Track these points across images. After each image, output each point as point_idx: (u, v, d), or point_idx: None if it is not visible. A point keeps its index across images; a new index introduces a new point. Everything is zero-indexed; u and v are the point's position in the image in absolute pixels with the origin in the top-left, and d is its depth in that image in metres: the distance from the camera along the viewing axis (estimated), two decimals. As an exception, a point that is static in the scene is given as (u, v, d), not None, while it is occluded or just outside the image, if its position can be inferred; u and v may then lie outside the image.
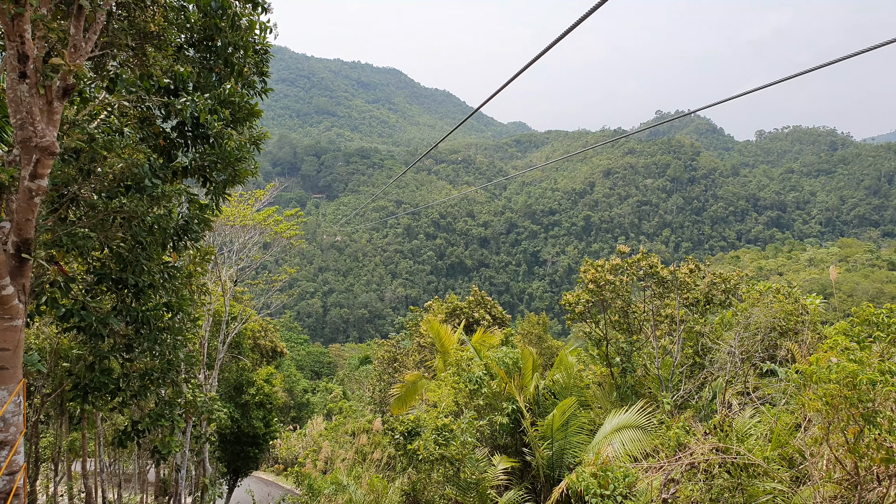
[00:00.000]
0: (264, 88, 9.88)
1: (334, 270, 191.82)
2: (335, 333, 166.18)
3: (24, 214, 5.89)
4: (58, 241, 7.23)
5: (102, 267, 8.57)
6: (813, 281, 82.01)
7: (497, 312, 31.00)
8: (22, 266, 6.07)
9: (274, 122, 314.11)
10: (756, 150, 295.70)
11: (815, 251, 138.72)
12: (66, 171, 7.20)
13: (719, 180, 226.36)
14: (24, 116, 5.46)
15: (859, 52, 6.02)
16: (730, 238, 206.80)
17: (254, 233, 23.69)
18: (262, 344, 33.15)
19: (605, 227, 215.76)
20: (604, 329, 16.51)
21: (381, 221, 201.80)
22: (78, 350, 10.61)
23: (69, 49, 5.83)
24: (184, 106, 8.11)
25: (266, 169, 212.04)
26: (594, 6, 5.92)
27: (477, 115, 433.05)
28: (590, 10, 5.99)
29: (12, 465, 6.18)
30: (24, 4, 5.16)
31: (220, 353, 21.98)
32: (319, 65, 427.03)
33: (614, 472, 8.88)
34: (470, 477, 12.92)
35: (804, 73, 6.54)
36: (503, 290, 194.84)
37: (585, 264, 16.80)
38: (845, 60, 6.26)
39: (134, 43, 7.91)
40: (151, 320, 8.97)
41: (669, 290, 15.73)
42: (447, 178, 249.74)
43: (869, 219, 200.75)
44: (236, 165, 9.11)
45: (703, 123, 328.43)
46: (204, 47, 8.96)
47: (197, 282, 13.53)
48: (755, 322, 12.98)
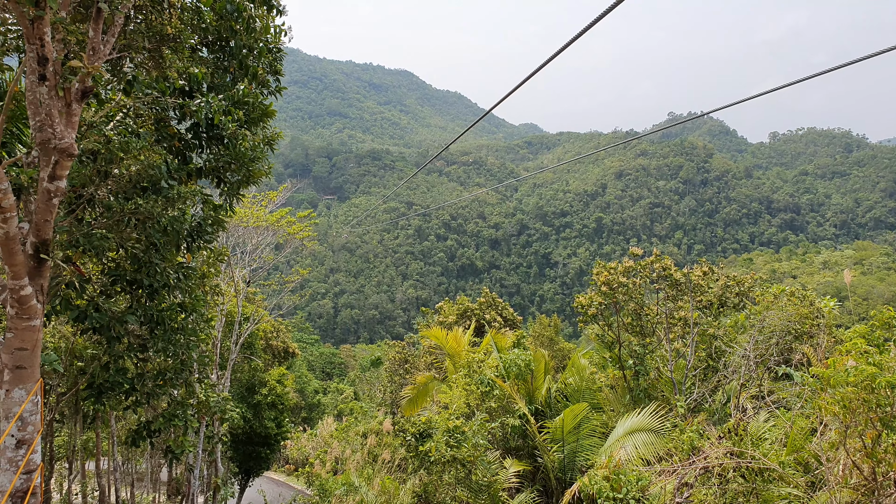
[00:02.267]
0: (278, 87, 9.91)
1: (345, 271, 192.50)
2: (346, 334, 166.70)
3: (42, 216, 5.97)
4: (74, 241, 7.32)
5: (117, 268, 8.66)
6: (827, 284, 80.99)
7: (508, 314, 30.91)
8: (40, 266, 6.15)
9: (286, 124, 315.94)
10: (770, 152, 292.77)
11: (830, 254, 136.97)
12: (83, 172, 7.29)
13: (732, 182, 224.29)
14: (44, 118, 5.53)
15: (875, 54, 5.95)
16: (743, 240, 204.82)
17: (267, 234, 23.83)
18: (274, 344, 33.29)
19: (616, 229, 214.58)
20: (616, 331, 16.40)
21: (393, 223, 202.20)
22: (93, 350, 10.73)
23: (88, 51, 5.91)
24: (198, 107, 8.17)
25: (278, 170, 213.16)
26: (607, 9, 5.90)
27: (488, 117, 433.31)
28: (603, 12, 5.97)
29: (30, 463, 6.26)
30: (44, 7, 5.23)
31: (233, 354, 22.11)
32: (331, 67, 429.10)
33: (627, 476, 8.82)
34: (482, 479, 12.89)
35: (816, 75, 6.46)
36: (514, 292, 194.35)
37: (598, 266, 16.71)
38: (863, 61, 6.18)
39: (150, 45, 7.99)
40: (166, 320, 9.04)
41: (683, 293, 15.60)
42: (458, 180, 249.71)
43: (885, 221, 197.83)
44: (250, 166, 9.16)
45: (716, 125, 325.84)
46: (218, 48, 9.02)
47: (210, 282, 13.63)
48: (769, 325, 12.84)
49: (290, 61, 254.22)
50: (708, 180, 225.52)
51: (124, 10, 6.25)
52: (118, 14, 6.14)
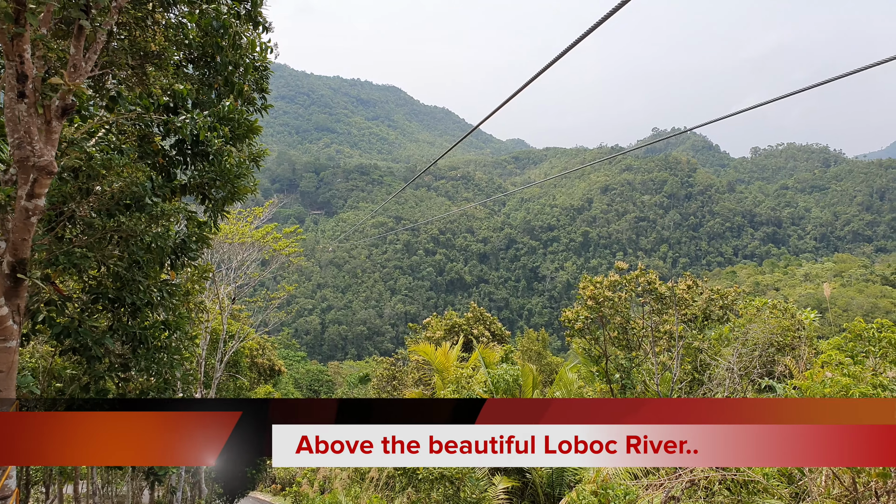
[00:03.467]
0: (264, 105, 9.92)
1: (333, 287, 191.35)
2: (333, 350, 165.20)
3: (20, 234, 5.89)
4: (54, 259, 7.22)
5: (98, 286, 8.54)
6: (809, 296, 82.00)
7: (496, 329, 30.89)
8: (17, 286, 6.05)
9: (273, 139, 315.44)
10: (751, 167, 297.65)
11: (811, 266, 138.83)
12: (63, 189, 7.22)
13: (716, 196, 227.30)
14: (22, 136, 5.49)
15: (849, 73, 6.11)
16: (727, 254, 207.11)
17: (252, 250, 23.69)
18: (260, 362, 32.95)
19: (603, 243, 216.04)
20: (603, 345, 16.46)
21: (381, 237, 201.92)
22: (72, 370, 10.53)
23: (69, 69, 5.88)
24: (183, 124, 8.14)
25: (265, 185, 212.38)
26: (594, 25, 6.01)
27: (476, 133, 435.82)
28: (589, 29, 6.08)
29: (5, 489, 6.11)
30: (24, 24, 5.21)
31: (218, 372, 21.84)
32: (319, 82, 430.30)
33: (615, 490, 8.80)
34: (470, 497, 12.78)
35: (796, 92, 6.62)
36: (502, 306, 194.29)
37: (584, 280, 16.81)
38: (839, 79, 6.34)
39: (134, 62, 7.98)
40: (149, 339, 8.91)
41: (668, 306, 15.72)
42: (446, 195, 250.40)
43: (862, 234, 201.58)
44: (235, 182, 9.12)
45: (700, 140, 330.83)
46: (203, 64, 9.02)
47: (194, 299, 13.49)
48: (753, 338, 12.96)
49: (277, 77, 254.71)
50: (692, 194, 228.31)
51: (106, 28, 6.24)
52: (100, 31, 6.13)
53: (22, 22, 5.17)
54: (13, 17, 5.10)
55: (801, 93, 6.43)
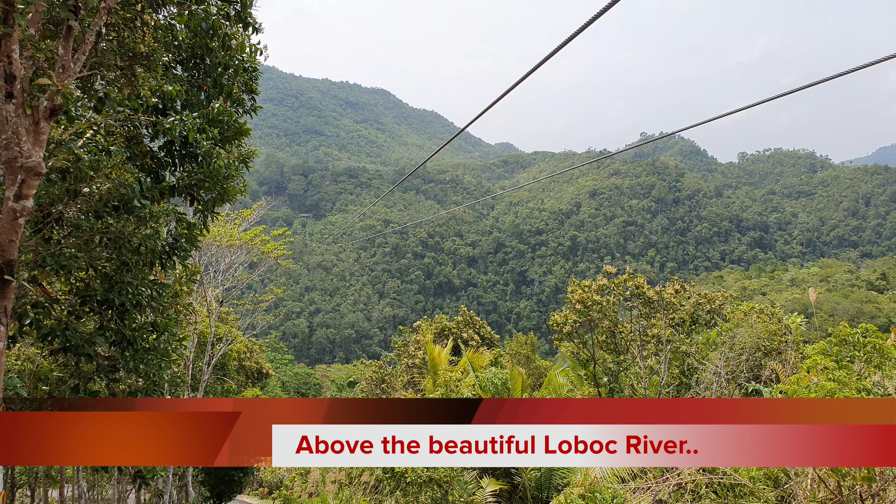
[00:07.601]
0: (253, 106, 9.90)
1: (321, 290, 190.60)
2: (321, 354, 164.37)
3: (7, 236, 5.83)
4: (41, 261, 7.15)
5: (86, 287, 8.46)
6: (795, 301, 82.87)
7: (485, 333, 30.95)
8: (4, 288, 5.99)
9: (261, 142, 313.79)
10: (739, 172, 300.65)
11: (797, 271, 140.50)
12: (51, 191, 7.15)
13: (703, 201, 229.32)
14: (10, 136, 5.44)
15: (831, 78, 6.21)
16: (714, 258, 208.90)
17: (240, 253, 23.55)
18: (248, 365, 32.74)
19: (591, 248, 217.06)
20: (591, 349, 16.54)
21: (369, 240, 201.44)
22: (59, 372, 10.42)
23: (57, 69, 5.84)
24: (172, 125, 8.10)
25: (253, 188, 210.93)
26: (580, 28, 6.07)
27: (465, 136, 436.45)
28: (575, 31, 6.14)
29: (-11, 490, 6.03)
30: (13, 24, 5.17)
31: (205, 375, 21.67)
32: (308, 84, 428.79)
33: (602, 493, 8.85)
34: (458, 500, 12.78)
35: (781, 95, 6.72)
36: (491, 310, 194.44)
37: (573, 285, 16.89)
38: (824, 83, 6.44)
39: (123, 63, 7.93)
40: (137, 340, 8.84)
41: (656, 311, 15.84)
42: (435, 198, 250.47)
43: (848, 239, 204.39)
44: (224, 184, 9.08)
45: (687, 145, 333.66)
46: (192, 65, 8.98)
47: (183, 301, 13.39)
48: (740, 342, 13.10)
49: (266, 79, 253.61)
50: (680, 199, 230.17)
51: (95, 28, 6.21)
52: (89, 32, 6.10)
53: (10, 22, 5.13)
54: (1, 18, 5.06)
55: (787, 95, 6.54)
